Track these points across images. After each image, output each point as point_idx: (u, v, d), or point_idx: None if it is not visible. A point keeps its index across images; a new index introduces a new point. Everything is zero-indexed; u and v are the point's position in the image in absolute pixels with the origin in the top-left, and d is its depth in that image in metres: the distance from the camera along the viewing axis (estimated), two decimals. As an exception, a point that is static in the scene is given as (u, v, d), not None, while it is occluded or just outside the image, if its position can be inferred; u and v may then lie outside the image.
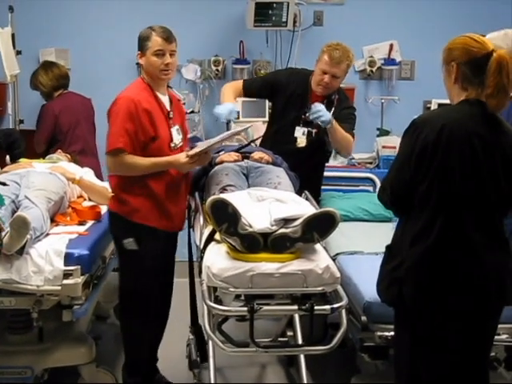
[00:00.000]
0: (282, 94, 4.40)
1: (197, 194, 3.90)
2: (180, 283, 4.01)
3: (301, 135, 4.34)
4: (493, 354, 3.22)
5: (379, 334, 3.22)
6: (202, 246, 3.25)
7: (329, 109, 4.15)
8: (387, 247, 2.78)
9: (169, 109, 3.67)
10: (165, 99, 3.69)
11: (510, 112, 3.73)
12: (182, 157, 3.52)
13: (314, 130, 4.32)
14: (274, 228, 3.01)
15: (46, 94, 5.41)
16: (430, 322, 2.65)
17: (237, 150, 4.11)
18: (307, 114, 4.23)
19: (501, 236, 2.67)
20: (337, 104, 4.29)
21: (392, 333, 3.02)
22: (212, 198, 3.05)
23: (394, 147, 5.31)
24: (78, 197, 4.39)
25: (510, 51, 3.79)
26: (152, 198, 3.59)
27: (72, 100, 5.46)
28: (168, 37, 3.58)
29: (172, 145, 3.63)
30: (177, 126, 3.68)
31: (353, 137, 4.23)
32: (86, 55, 5.90)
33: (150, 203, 3.59)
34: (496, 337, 2.90)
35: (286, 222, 3.04)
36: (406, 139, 2.66)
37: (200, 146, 3.59)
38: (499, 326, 2.85)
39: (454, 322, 2.63)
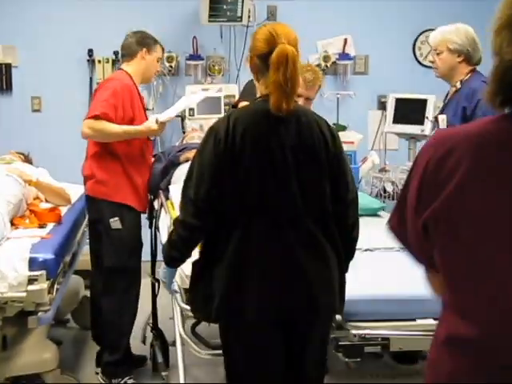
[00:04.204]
0: None
1: (161, 193, 3.85)
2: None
3: None
4: None
5: (354, 332, 3.16)
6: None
7: None
8: (193, 263, 2.64)
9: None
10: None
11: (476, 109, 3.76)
12: (152, 124, 3.75)
13: None
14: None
15: None
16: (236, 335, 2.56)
17: None
18: None
19: (318, 242, 2.52)
20: None
21: (367, 331, 2.99)
22: None
23: (352, 142, 5.28)
24: (35, 198, 4.25)
25: (463, 46, 3.85)
26: (126, 175, 3.85)
27: None
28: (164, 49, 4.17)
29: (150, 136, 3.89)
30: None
31: None
32: (34, 52, 5.75)
33: (126, 181, 3.85)
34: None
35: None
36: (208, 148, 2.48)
37: (168, 113, 3.85)
38: None
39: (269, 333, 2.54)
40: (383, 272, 3.24)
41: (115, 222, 3.84)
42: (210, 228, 2.52)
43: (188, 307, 2.93)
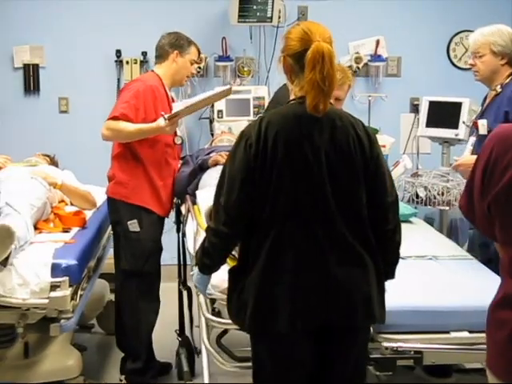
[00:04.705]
0: None
1: (188, 198, 3.78)
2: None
3: None
4: None
5: (386, 344, 3.06)
6: (197, 255, 3.09)
7: None
8: (229, 271, 2.57)
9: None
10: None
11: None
12: (160, 121, 3.65)
13: None
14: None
15: None
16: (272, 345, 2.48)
17: None
18: None
19: (353, 248, 2.44)
20: None
21: (400, 343, 2.89)
22: (210, 204, 2.89)
23: (384, 146, 5.17)
24: (60, 201, 4.21)
25: (507, 48, 3.72)
26: (147, 178, 3.83)
27: None
28: (200, 51, 4.09)
29: (176, 140, 3.89)
30: None
31: None
32: (62, 52, 5.69)
33: (146, 184, 3.82)
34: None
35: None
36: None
37: (176, 108, 3.76)
38: None
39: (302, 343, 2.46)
40: (416, 282, 3.17)
41: (133, 224, 3.82)
42: (241, 235, 2.46)
43: (212, 317, 2.90)
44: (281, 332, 2.42)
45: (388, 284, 2.62)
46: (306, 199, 2.40)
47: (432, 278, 3.25)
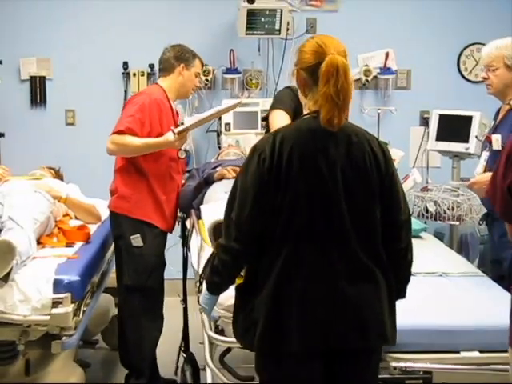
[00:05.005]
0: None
1: (193, 212, 3.72)
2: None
3: None
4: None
5: (394, 364, 2.98)
6: (200, 271, 3.04)
7: None
8: (236, 288, 2.50)
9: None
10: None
11: None
12: (169, 135, 3.64)
13: None
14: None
15: None
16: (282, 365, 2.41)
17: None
18: None
19: (367, 267, 2.39)
20: None
21: (409, 363, 2.81)
22: (213, 220, 2.85)
23: (393, 159, 5.10)
24: (64, 215, 4.16)
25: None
26: (150, 192, 3.79)
27: None
28: (203, 63, 4.09)
29: (180, 154, 3.84)
30: None
31: None
32: (69, 64, 5.66)
33: (149, 199, 3.79)
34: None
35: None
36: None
37: (187, 123, 3.77)
38: None
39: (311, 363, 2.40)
40: (425, 299, 3.09)
41: (136, 239, 3.79)
42: (254, 253, 2.39)
43: (216, 335, 2.83)
44: (292, 353, 2.36)
45: (397, 302, 2.56)
46: (321, 216, 2.34)
47: (442, 296, 3.18)
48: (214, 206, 3.30)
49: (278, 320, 2.35)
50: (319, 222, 2.34)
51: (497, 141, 3.69)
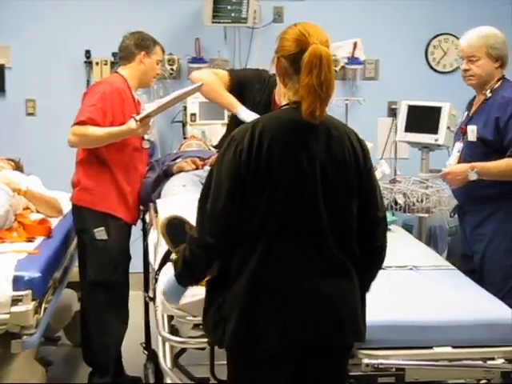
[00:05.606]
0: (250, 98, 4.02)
1: (151, 206, 3.63)
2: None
3: None
4: (485, 381, 2.98)
5: (367, 361, 2.93)
6: (156, 268, 2.95)
7: None
8: (207, 282, 2.43)
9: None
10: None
11: None
12: (131, 123, 3.55)
13: None
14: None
15: None
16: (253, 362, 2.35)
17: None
18: None
19: (343, 263, 2.34)
20: None
21: (381, 360, 2.76)
22: (166, 216, 2.77)
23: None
24: (25, 208, 4.05)
25: (502, 50, 3.60)
26: (114, 184, 3.73)
27: None
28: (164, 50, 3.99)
29: (144, 144, 3.81)
30: None
31: None
32: (29, 53, 5.56)
33: (113, 190, 3.74)
34: (490, 362, 2.68)
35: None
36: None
37: (149, 108, 3.68)
38: (494, 349, 2.66)
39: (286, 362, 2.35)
40: (397, 294, 3.04)
41: (100, 232, 3.72)
42: (228, 247, 2.31)
43: (170, 336, 2.74)
44: (267, 350, 2.30)
45: (369, 296, 2.52)
46: (299, 211, 2.28)
47: (413, 290, 3.14)
48: (171, 200, 3.23)
49: (253, 317, 2.28)
50: (296, 217, 2.29)
51: (472, 132, 3.63)
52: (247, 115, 3.36)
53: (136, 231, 4.08)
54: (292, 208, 2.27)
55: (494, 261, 3.62)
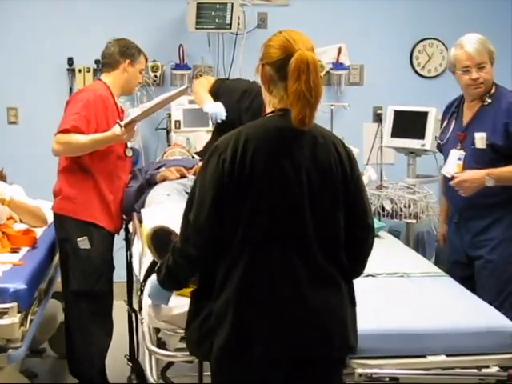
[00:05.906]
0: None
1: (135, 216, 3.57)
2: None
3: None
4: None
5: (360, 371, 2.89)
6: (141, 279, 2.91)
7: None
8: (191, 293, 2.40)
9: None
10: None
11: None
12: (116, 129, 3.53)
13: None
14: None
15: None
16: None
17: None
18: None
19: (330, 274, 2.31)
20: None
21: (375, 370, 2.72)
22: (152, 226, 2.74)
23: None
24: (8, 218, 3.99)
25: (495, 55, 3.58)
26: (97, 192, 3.69)
27: None
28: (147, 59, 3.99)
29: (127, 152, 3.80)
30: None
31: None
32: (11, 60, 5.47)
33: (96, 199, 3.69)
34: (485, 370, 2.65)
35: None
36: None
37: (133, 114, 3.67)
38: (488, 357, 2.63)
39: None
40: (389, 302, 3.02)
41: (83, 242, 3.67)
42: (211, 258, 2.28)
43: (156, 349, 2.67)
44: (254, 362, 2.26)
45: (361, 305, 2.48)
46: (283, 221, 2.24)
47: (405, 298, 3.11)
48: (156, 209, 3.18)
49: (241, 329, 2.25)
50: (281, 226, 2.25)
51: (481, 139, 3.55)
52: (210, 107, 3.43)
53: (119, 241, 4.03)
54: (276, 217, 2.24)
55: (497, 267, 3.58)
